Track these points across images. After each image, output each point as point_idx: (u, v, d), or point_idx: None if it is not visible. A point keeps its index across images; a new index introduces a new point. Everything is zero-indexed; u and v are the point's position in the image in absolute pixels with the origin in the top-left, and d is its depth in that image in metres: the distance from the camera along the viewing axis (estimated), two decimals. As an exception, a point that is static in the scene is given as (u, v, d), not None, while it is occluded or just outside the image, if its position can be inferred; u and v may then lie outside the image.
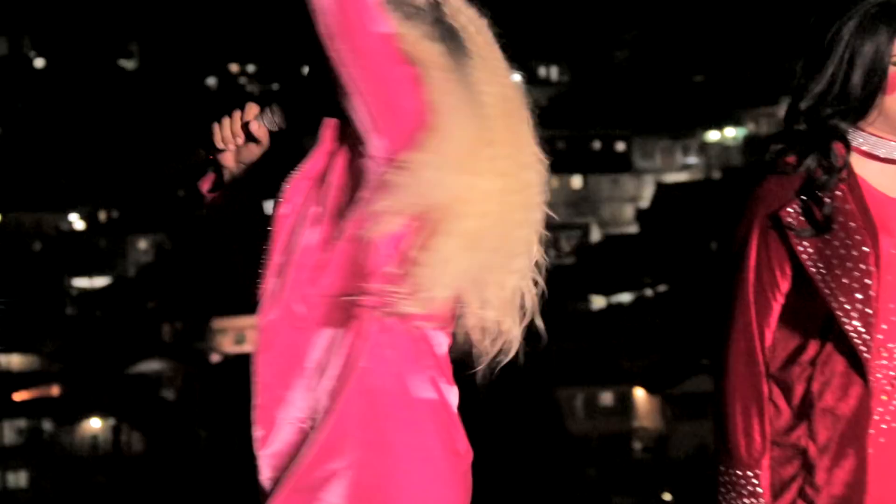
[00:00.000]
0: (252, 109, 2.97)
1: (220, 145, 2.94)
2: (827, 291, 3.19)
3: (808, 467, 3.25)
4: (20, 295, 69.33)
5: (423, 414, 2.82)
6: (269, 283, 2.82)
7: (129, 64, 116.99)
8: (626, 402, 59.06)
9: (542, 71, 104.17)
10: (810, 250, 3.21)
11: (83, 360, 57.76)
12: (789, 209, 3.22)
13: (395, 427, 2.81)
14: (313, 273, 2.79)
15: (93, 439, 55.36)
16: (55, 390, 58.94)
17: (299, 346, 2.79)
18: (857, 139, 3.26)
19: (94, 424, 55.39)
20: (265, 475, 2.78)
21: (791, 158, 3.26)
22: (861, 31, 3.21)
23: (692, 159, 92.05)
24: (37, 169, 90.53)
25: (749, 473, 3.21)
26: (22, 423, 56.91)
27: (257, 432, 2.77)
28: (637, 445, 59.20)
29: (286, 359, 2.80)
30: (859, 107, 3.24)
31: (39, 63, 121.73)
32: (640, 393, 59.25)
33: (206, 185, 2.99)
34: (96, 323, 64.65)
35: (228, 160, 3.00)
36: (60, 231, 78.04)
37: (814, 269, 3.20)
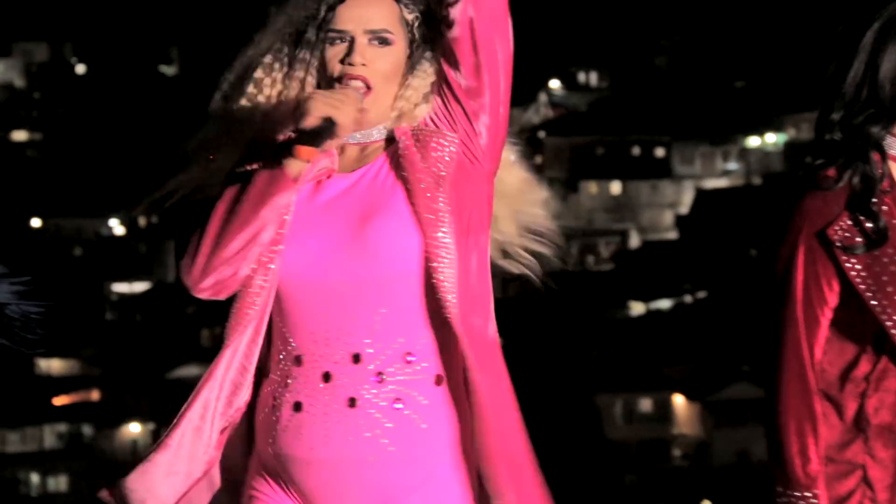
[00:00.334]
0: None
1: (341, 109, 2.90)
2: (878, 308, 3.11)
3: (868, 484, 3.17)
4: (60, 300, 69.68)
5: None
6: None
7: (169, 70, 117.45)
8: (665, 409, 58.80)
9: (581, 76, 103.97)
10: (858, 267, 3.13)
11: (123, 365, 57.97)
12: (836, 227, 3.14)
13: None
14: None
15: (132, 444, 55.54)
16: (95, 395, 59.18)
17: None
18: (893, 147, 3.19)
19: (134, 429, 55.56)
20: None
21: (831, 172, 3.18)
22: (885, 36, 3.16)
23: (732, 165, 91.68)
24: (77, 174, 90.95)
25: (808, 494, 3.11)
26: (62, 427, 57.17)
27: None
28: (676, 452, 58.91)
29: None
30: (890, 112, 3.18)
31: (81, 69, 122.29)
32: (679, 400, 58.96)
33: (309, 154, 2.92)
34: (136, 328, 64.87)
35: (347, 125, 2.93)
36: (100, 236, 78.37)
37: (863, 286, 3.12)
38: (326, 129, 2.83)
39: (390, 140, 2.96)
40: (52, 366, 62.51)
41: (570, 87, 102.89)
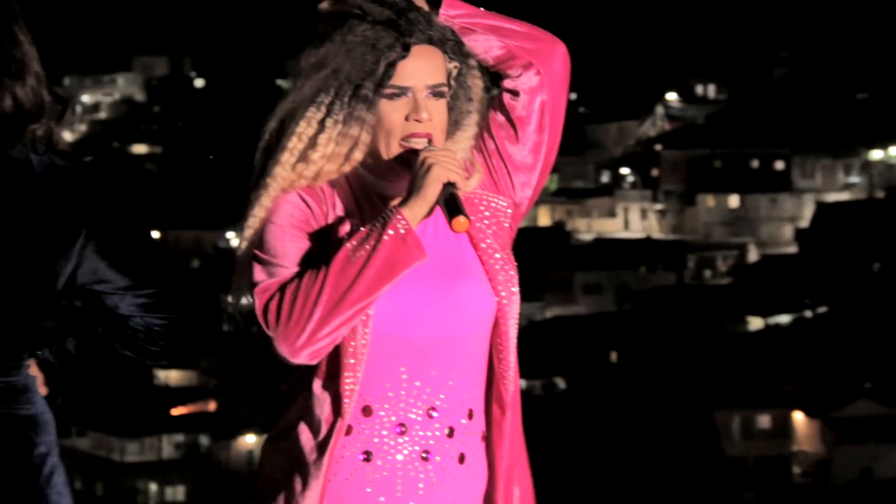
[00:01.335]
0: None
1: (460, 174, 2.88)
2: None
3: None
4: (183, 312, 70.05)
5: None
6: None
7: (285, 83, 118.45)
8: (784, 426, 58.04)
9: (699, 89, 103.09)
10: None
11: (239, 377, 58.40)
12: None
13: None
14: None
15: (248, 455, 55.89)
16: (212, 406, 59.71)
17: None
18: None
19: (249, 440, 55.91)
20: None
21: None
22: None
23: (854, 178, 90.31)
24: (195, 187, 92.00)
25: None
26: (180, 437, 57.75)
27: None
28: (796, 470, 58.15)
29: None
30: None
31: (199, 83, 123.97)
32: (799, 416, 58.18)
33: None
34: (252, 340, 65.36)
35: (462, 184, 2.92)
36: (218, 249, 79.16)
37: None
38: (455, 194, 2.79)
39: None
40: (171, 377, 63.18)
41: (688, 100, 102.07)
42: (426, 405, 2.85)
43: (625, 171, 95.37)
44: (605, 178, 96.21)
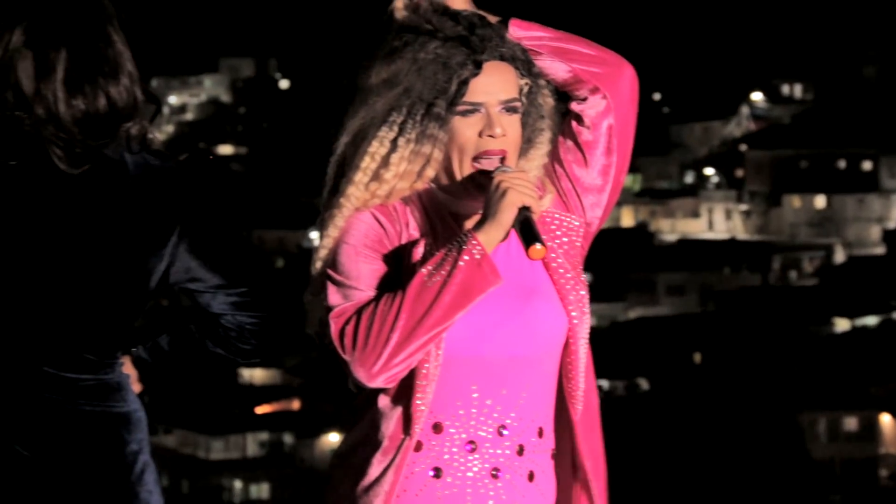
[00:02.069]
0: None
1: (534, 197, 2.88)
2: None
3: None
4: (273, 311, 70.50)
5: None
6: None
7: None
8: (871, 428, 57.39)
9: (785, 89, 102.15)
10: None
11: (323, 376, 58.67)
12: None
13: None
14: None
15: (331, 454, 56.19)
16: (296, 405, 60.02)
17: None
18: None
19: (333, 439, 56.14)
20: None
21: None
22: None
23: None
24: (280, 187, 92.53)
25: None
26: (264, 435, 58.09)
27: None
28: (883, 472, 57.49)
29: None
30: None
31: (284, 84, 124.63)
32: (886, 419, 57.50)
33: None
34: (319, 342, 65.40)
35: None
36: (302, 248, 79.57)
37: None
38: (530, 219, 2.79)
39: None
40: (255, 375, 63.58)
41: (773, 100, 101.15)
42: (496, 423, 2.86)
43: (709, 171, 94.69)
44: (690, 178, 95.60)
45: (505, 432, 2.87)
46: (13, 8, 2.67)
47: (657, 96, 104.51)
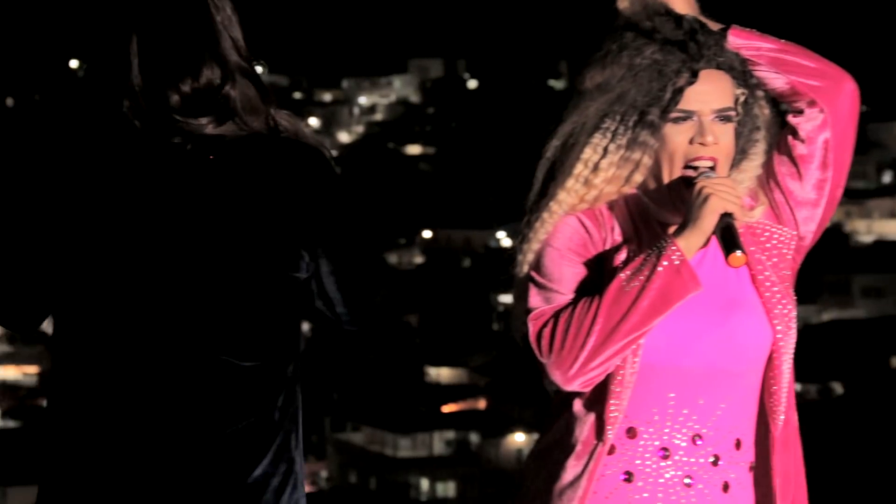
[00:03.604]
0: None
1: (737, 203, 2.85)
2: None
3: None
4: (449, 309, 71.37)
5: None
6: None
7: (557, 84, 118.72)
8: None
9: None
10: None
11: (509, 376, 58.77)
12: None
13: None
14: None
15: (517, 453, 56.19)
16: (482, 404, 60.23)
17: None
18: None
19: (519, 438, 56.22)
20: None
21: None
22: None
23: None
24: (467, 187, 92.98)
25: None
26: (450, 434, 58.43)
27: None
28: None
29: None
30: None
31: (472, 84, 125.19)
32: None
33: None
34: (520, 344, 65.47)
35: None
36: (488, 248, 79.85)
37: None
38: (732, 226, 2.75)
39: None
40: (441, 374, 64.00)
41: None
42: (692, 432, 2.84)
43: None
44: (888, 178, 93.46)
45: (700, 441, 2.85)
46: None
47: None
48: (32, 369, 65.49)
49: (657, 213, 2.88)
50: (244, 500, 2.57)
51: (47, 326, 2.69)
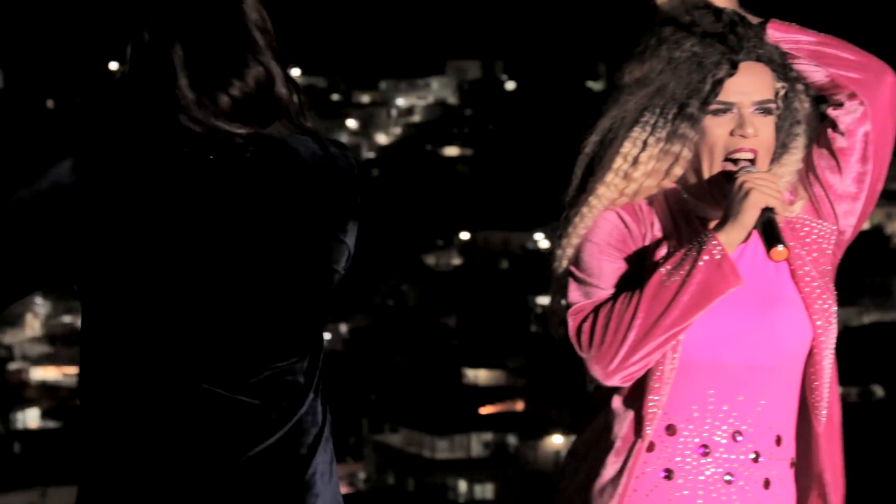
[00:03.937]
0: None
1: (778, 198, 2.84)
2: None
3: None
4: (487, 311, 71.32)
5: None
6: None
7: (596, 85, 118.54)
8: None
9: None
10: None
11: (546, 377, 58.72)
12: None
13: None
14: None
15: (555, 455, 56.12)
16: (520, 406, 60.19)
17: None
18: None
19: (557, 441, 56.15)
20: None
21: None
22: None
23: None
24: (505, 189, 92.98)
25: None
26: (488, 436, 58.41)
27: None
28: None
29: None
30: None
31: (510, 86, 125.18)
32: None
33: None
34: (559, 341, 65.44)
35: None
36: (526, 250, 79.78)
37: None
38: (773, 220, 2.74)
39: None
40: (479, 376, 63.98)
41: None
42: (732, 428, 2.84)
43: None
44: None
45: (740, 438, 2.84)
46: (140, 4, 2.57)
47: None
48: (72, 370, 65.82)
49: (696, 207, 2.86)
50: (297, 495, 2.57)
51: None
